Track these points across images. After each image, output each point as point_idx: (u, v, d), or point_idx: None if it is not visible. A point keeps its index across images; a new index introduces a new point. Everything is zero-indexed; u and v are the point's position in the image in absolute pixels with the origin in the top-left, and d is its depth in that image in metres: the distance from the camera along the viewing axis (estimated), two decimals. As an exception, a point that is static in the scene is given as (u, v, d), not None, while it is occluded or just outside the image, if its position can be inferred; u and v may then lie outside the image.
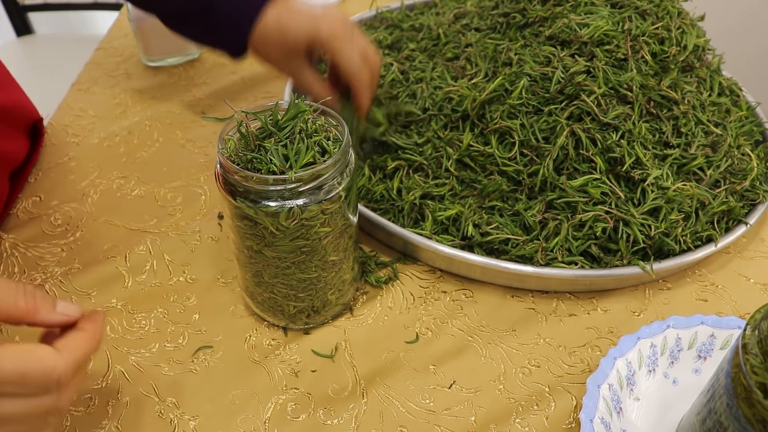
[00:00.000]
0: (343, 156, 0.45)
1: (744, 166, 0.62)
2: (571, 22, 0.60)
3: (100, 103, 0.79)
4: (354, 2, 1.00)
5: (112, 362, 0.51)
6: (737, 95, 0.69)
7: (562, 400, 0.50)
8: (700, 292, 0.59)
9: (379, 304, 0.57)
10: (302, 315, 0.53)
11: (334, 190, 0.44)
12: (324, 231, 0.46)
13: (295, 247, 0.46)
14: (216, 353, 0.52)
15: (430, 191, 0.60)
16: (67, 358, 0.36)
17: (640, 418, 0.49)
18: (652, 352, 0.51)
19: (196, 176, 0.69)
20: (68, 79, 0.83)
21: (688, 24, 0.63)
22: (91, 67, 0.85)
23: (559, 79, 0.57)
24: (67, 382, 0.36)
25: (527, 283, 0.57)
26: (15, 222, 0.62)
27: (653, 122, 0.59)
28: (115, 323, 0.54)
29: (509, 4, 0.66)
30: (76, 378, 0.38)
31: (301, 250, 0.47)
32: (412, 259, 0.61)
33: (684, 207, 0.57)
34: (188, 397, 0.49)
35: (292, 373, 0.51)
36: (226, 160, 0.43)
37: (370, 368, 0.52)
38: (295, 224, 0.44)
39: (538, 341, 0.54)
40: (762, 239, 0.65)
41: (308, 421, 0.48)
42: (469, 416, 0.49)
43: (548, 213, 0.57)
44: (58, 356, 0.36)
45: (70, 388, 0.37)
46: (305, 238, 0.46)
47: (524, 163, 0.58)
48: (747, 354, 0.36)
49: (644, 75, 0.59)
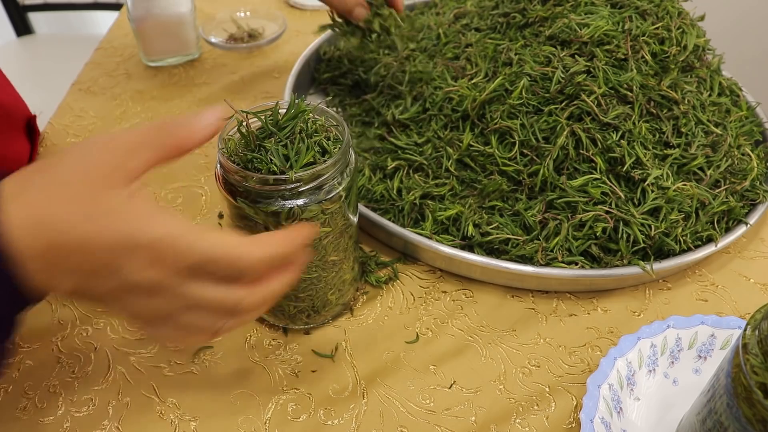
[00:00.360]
0: (343, 156, 0.45)
1: (744, 166, 0.62)
2: (571, 22, 0.60)
3: (100, 103, 0.79)
4: (354, 2, 1.00)
5: (112, 363, 0.51)
6: (737, 95, 0.69)
7: (563, 400, 0.50)
8: (700, 292, 0.59)
9: (380, 304, 0.57)
10: (302, 315, 0.53)
11: (334, 190, 0.44)
12: (324, 231, 0.46)
13: None
14: (216, 354, 0.53)
15: (430, 191, 0.60)
16: (257, 251, 0.36)
17: (641, 418, 0.49)
18: (652, 352, 0.51)
19: (197, 177, 0.69)
20: (68, 79, 0.83)
21: (688, 24, 0.63)
22: (91, 67, 0.85)
23: (560, 79, 0.57)
24: (253, 277, 0.37)
25: (527, 283, 0.57)
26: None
27: (653, 122, 0.59)
28: (115, 324, 0.54)
29: (509, 4, 0.66)
30: (266, 283, 0.38)
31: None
32: (412, 259, 0.61)
33: (684, 207, 0.57)
34: (189, 398, 0.49)
35: (292, 374, 0.51)
36: (226, 160, 0.43)
37: (371, 368, 0.52)
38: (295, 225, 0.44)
39: (538, 341, 0.54)
40: (762, 239, 0.65)
41: (309, 421, 0.48)
42: (470, 416, 0.49)
43: (548, 213, 0.57)
44: (250, 246, 0.36)
45: (257, 290, 0.37)
46: None
47: (524, 163, 0.58)
48: (747, 354, 0.36)
49: (644, 75, 0.59)
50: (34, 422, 0.47)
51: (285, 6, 1.02)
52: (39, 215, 0.33)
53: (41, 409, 0.48)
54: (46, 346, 0.52)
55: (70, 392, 0.49)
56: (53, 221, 0.33)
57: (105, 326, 0.54)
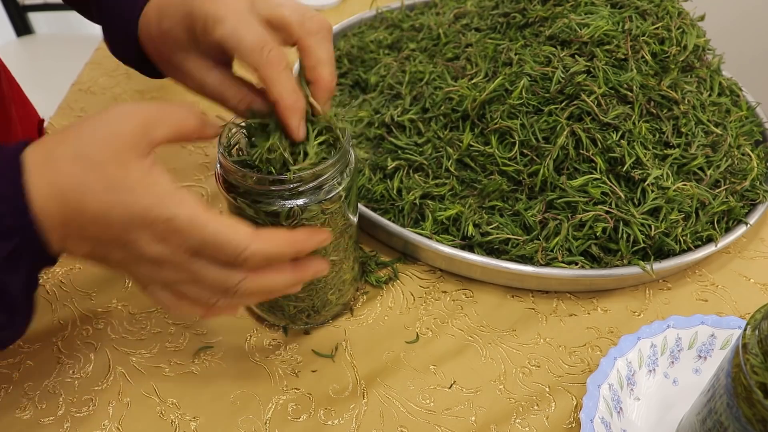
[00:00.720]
0: (343, 156, 0.45)
1: (744, 166, 0.62)
2: (571, 22, 0.60)
3: (100, 103, 0.79)
4: (354, 2, 1.00)
5: (112, 363, 0.51)
6: (737, 95, 0.69)
7: (563, 400, 0.50)
8: (700, 292, 0.59)
9: (380, 304, 0.57)
10: (302, 315, 0.53)
11: (334, 190, 0.44)
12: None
13: None
14: (216, 353, 0.53)
15: (430, 191, 0.60)
16: (260, 244, 0.38)
17: (640, 418, 0.49)
18: (652, 352, 0.51)
19: (197, 176, 0.69)
20: (68, 79, 0.83)
21: (688, 24, 0.63)
22: (91, 67, 0.85)
23: (560, 79, 0.57)
24: (251, 266, 0.39)
25: (527, 283, 0.57)
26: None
27: (653, 122, 0.59)
28: (115, 324, 0.54)
29: (509, 4, 0.66)
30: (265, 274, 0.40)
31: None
32: (413, 259, 0.61)
33: (684, 207, 0.57)
34: (189, 398, 0.50)
35: (292, 374, 0.51)
36: (226, 160, 0.43)
37: (371, 368, 0.52)
38: (295, 225, 0.44)
39: (538, 341, 0.54)
40: (762, 239, 0.65)
41: (309, 421, 0.48)
42: (470, 416, 0.49)
43: (548, 213, 0.57)
44: (253, 238, 0.38)
45: (255, 277, 0.39)
46: None
47: (524, 163, 0.58)
48: (747, 354, 0.36)
49: (644, 75, 0.59)
50: (35, 423, 0.47)
51: (285, 6, 1.02)
52: (61, 186, 0.35)
53: (41, 410, 0.48)
54: (47, 346, 0.52)
55: (70, 392, 0.49)
56: (74, 192, 0.35)
57: (105, 326, 0.54)
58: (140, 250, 0.37)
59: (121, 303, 0.56)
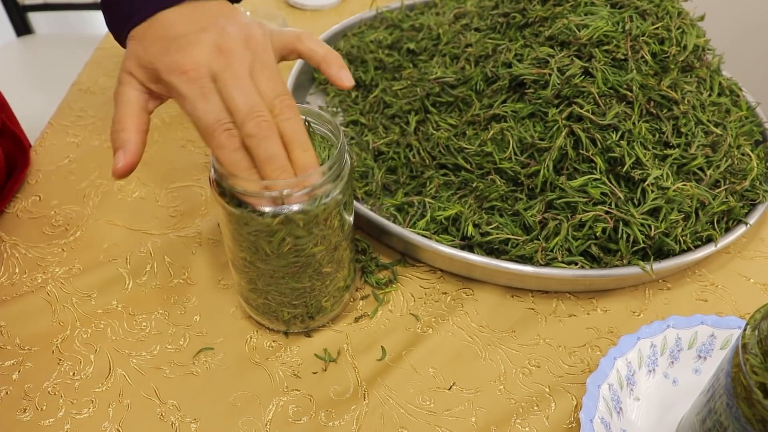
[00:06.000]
0: (339, 160, 0.44)
1: (744, 166, 0.62)
2: (570, 23, 0.60)
3: (100, 104, 0.79)
4: (354, 2, 1.00)
5: (113, 364, 0.51)
6: (737, 95, 0.69)
7: (562, 401, 0.50)
8: (700, 292, 0.59)
9: (380, 306, 0.57)
10: (297, 320, 0.52)
11: (329, 195, 0.44)
12: (317, 250, 0.46)
13: (288, 263, 0.46)
14: (217, 355, 0.53)
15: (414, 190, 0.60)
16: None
17: (640, 418, 0.49)
18: (652, 352, 0.51)
19: (197, 177, 0.69)
20: (68, 79, 0.83)
21: (688, 24, 0.63)
22: (91, 67, 0.85)
23: (555, 84, 0.57)
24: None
25: (527, 283, 0.57)
26: (15, 222, 0.62)
27: (653, 122, 0.59)
28: (115, 325, 0.54)
29: (509, 4, 0.66)
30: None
31: (294, 265, 0.47)
32: (413, 260, 0.61)
33: (684, 207, 0.57)
34: (189, 400, 0.50)
35: (293, 375, 0.51)
36: (220, 165, 0.43)
37: (371, 370, 0.52)
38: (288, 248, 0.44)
39: (538, 341, 0.54)
40: (762, 239, 0.65)
41: (310, 423, 0.48)
42: (470, 417, 0.49)
43: (548, 213, 0.57)
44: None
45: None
46: (297, 256, 0.46)
47: (523, 164, 0.58)
48: (747, 354, 0.36)
49: (644, 75, 0.59)
50: (35, 424, 0.47)
51: (285, 5, 1.02)
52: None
53: (42, 412, 0.48)
54: (47, 348, 0.52)
55: (70, 394, 0.49)
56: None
57: (105, 328, 0.54)
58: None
59: (122, 304, 0.56)
